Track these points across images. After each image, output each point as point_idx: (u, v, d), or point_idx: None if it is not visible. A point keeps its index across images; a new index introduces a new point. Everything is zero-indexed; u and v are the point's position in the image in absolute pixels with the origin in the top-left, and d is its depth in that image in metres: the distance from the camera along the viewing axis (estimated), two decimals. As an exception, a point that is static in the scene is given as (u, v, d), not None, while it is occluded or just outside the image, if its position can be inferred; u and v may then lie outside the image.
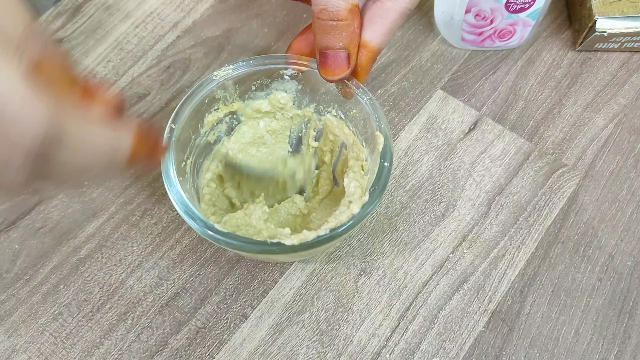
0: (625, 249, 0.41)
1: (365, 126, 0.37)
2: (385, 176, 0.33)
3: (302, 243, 0.32)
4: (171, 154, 0.34)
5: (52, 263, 0.41)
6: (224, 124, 0.40)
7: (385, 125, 0.35)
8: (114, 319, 0.39)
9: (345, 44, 0.33)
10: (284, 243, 0.31)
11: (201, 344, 0.38)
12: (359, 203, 0.33)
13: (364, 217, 0.32)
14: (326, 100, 0.39)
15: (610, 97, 0.47)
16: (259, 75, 0.38)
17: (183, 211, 0.32)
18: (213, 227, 0.32)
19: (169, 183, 0.33)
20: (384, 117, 0.35)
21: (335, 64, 0.33)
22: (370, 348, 0.38)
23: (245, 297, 0.40)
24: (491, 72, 0.49)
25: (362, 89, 0.36)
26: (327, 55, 0.33)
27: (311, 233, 0.32)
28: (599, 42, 0.48)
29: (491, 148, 0.45)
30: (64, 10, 0.52)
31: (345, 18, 0.32)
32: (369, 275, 0.41)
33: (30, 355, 0.38)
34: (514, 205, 0.43)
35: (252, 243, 0.32)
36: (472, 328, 0.39)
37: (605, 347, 0.38)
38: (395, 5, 0.33)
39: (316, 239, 0.32)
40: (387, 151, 0.34)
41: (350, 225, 0.32)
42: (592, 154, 0.45)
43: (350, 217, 0.32)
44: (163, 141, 0.28)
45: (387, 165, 0.34)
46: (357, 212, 0.32)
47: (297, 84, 0.39)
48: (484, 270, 0.41)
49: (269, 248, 0.31)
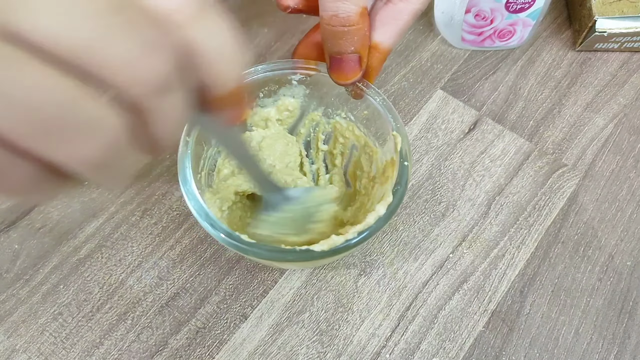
0: (625, 249, 0.41)
1: (377, 126, 0.37)
2: (406, 175, 0.34)
3: (331, 248, 0.31)
4: (189, 165, 0.33)
5: (52, 263, 0.41)
6: None
7: (401, 125, 0.35)
8: (114, 319, 0.39)
9: (356, 47, 0.32)
10: (314, 249, 0.31)
11: (201, 344, 0.38)
12: (384, 204, 0.33)
13: (390, 217, 0.32)
14: (335, 103, 0.39)
15: (610, 97, 0.47)
16: (267, 82, 0.38)
17: (206, 222, 0.31)
18: (238, 238, 0.31)
19: (189, 195, 0.32)
20: (399, 116, 0.35)
21: (348, 68, 0.33)
22: (370, 348, 0.38)
23: (245, 297, 0.40)
24: (491, 72, 0.49)
25: (373, 89, 0.35)
26: (338, 60, 0.33)
27: (340, 237, 0.31)
28: (599, 42, 0.48)
29: (491, 148, 0.45)
30: (64, 10, 0.52)
31: (356, 23, 0.31)
32: (369, 275, 0.41)
33: (30, 355, 0.38)
34: (514, 205, 0.43)
35: (280, 252, 0.31)
36: (472, 328, 0.39)
37: (605, 347, 0.38)
38: (408, 6, 0.33)
39: (345, 243, 0.31)
40: (405, 150, 0.34)
41: (378, 226, 0.32)
42: (592, 154, 0.45)
43: (377, 219, 0.32)
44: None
45: (406, 164, 0.34)
46: (383, 213, 0.32)
47: (305, 88, 0.38)
48: (484, 270, 0.41)
49: (298, 256, 0.31)
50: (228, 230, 0.31)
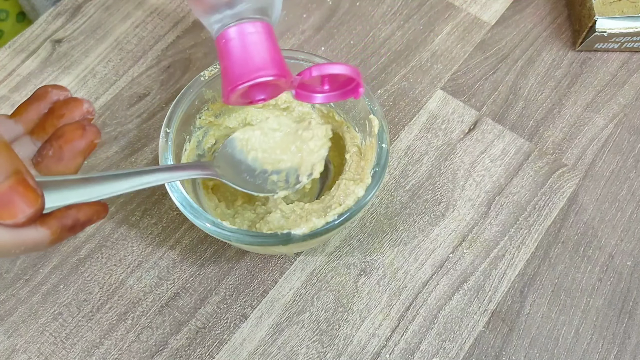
0: (625, 249, 0.41)
1: (356, 111, 0.38)
2: (384, 157, 0.34)
3: (312, 231, 0.32)
4: (169, 156, 0.34)
5: (52, 263, 0.41)
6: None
7: (378, 108, 0.36)
8: (114, 319, 0.39)
9: None
10: (295, 233, 0.32)
11: (201, 344, 0.38)
12: (363, 186, 0.33)
13: (369, 199, 0.33)
14: None
15: (610, 97, 0.47)
16: None
17: (188, 212, 0.33)
18: (222, 225, 0.32)
19: (171, 187, 0.33)
20: (376, 100, 0.36)
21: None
22: (370, 348, 0.38)
23: (245, 297, 0.40)
24: (491, 72, 0.49)
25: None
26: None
27: (320, 220, 0.32)
28: (599, 42, 0.48)
29: (491, 148, 0.45)
30: (64, 10, 0.52)
31: None
32: (369, 275, 0.41)
33: (30, 355, 0.38)
34: (514, 205, 0.43)
35: (263, 237, 0.32)
36: (472, 328, 0.39)
37: (605, 347, 0.38)
38: None
39: (325, 226, 0.32)
40: (382, 133, 0.35)
41: (357, 208, 0.33)
42: (592, 154, 0.45)
43: (355, 200, 0.33)
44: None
45: (384, 146, 0.35)
46: (362, 195, 0.33)
47: None
48: (484, 270, 0.41)
49: (280, 239, 0.32)
50: (212, 218, 0.33)
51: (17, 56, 0.49)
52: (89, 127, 0.29)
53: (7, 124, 0.30)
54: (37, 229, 0.25)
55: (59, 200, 0.26)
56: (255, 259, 0.41)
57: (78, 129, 0.28)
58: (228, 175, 0.35)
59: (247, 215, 0.39)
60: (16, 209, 0.23)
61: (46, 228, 0.25)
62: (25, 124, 0.30)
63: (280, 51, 0.31)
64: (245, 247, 0.34)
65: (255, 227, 0.38)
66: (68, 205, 0.26)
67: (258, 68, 0.30)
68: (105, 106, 0.47)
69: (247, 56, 0.30)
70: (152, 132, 0.46)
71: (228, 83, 0.31)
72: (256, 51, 0.30)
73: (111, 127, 0.46)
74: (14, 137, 0.30)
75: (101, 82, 0.48)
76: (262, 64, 0.30)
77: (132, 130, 0.46)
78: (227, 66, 0.31)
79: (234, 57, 0.30)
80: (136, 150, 0.45)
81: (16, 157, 0.24)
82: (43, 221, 0.25)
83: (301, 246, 0.38)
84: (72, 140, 0.28)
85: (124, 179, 0.28)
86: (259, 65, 0.30)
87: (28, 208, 0.23)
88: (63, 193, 0.26)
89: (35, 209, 0.24)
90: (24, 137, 0.30)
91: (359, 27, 0.51)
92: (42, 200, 0.24)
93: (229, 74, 0.30)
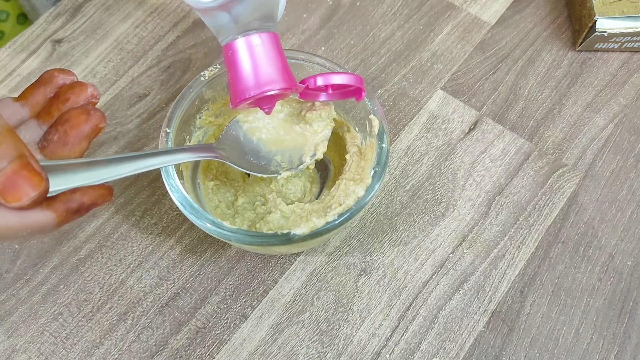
0: (625, 249, 0.41)
1: (357, 111, 0.38)
2: (384, 157, 0.34)
3: (312, 231, 0.32)
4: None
5: (52, 263, 0.41)
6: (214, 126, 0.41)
7: (378, 108, 0.36)
8: (114, 319, 0.39)
9: None
10: (295, 232, 0.32)
11: (201, 344, 0.38)
12: (363, 186, 0.33)
13: (369, 199, 0.33)
14: None
15: (610, 97, 0.47)
16: None
17: (189, 212, 0.33)
18: (222, 225, 0.32)
19: (171, 187, 0.33)
20: (376, 100, 0.36)
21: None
22: (370, 348, 0.38)
23: (245, 297, 0.40)
24: (491, 72, 0.49)
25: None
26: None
27: (320, 220, 0.32)
28: (599, 42, 0.48)
29: (491, 148, 0.45)
30: (64, 10, 0.52)
31: None
32: (369, 275, 0.41)
33: (30, 355, 0.38)
34: (514, 205, 0.43)
35: (263, 236, 0.32)
36: (472, 328, 0.39)
37: (605, 347, 0.38)
38: None
39: (325, 226, 0.32)
40: (382, 133, 0.35)
41: (357, 208, 0.33)
42: (592, 154, 0.45)
43: (356, 200, 0.33)
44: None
45: (384, 146, 0.35)
46: (362, 195, 0.33)
47: None
48: (484, 270, 0.41)
49: (280, 239, 0.32)
50: (212, 218, 0.33)
51: (17, 56, 0.49)
52: (93, 112, 0.29)
53: (13, 107, 0.30)
54: (42, 212, 0.26)
55: (63, 184, 0.26)
56: (255, 259, 0.41)
57: (83, 114, 0.29)
58: (232, 157, 0.35)
59: (247, 215, 0.39)
60: (21, 192, 0.24)
61: (52, 211, 0.26)
62: (31, 107, 0.30)
63: (286, 61, 0.32)
64: (245, 247, 0.34)
65: (255, 227, 0.38)
66: (73, 189, 0.26)
67: (266, 82, 0.30)
68: (105, 106, 0.47)
69: (254, 68, 0.30)
70: (152, 132, 0.46)
71: (236, 95, 0.31)
72: (263, 64, 0.31)
73: (111, 127, 0.46)
74: (19, 121, 0.30)
75: (101, 82, 0.48)
76: (270, 77, 0.31)
77: (132, 130, 0.46)
78: (234, 77, 0.31)
79: (241, 69, 0.31)
80: (136, 150, 0.45)
81: (20, 141, 0.24)
82: (49, 204, 0.26)
83: (301, 246, 0.38)
84: (77, 125, 0.29)
85: (129, 162, 0.28)
86: (266, 79, 0.31)
87: (32, 191, 0.24)
88: (68, 176, 0.26)
89: (39, 192, 0.24)
90: (30, 121, 0.30)
91: (359, 27, 0.51)
92: (46, 183, 0.24)
93: (237, 85, 0.31)
